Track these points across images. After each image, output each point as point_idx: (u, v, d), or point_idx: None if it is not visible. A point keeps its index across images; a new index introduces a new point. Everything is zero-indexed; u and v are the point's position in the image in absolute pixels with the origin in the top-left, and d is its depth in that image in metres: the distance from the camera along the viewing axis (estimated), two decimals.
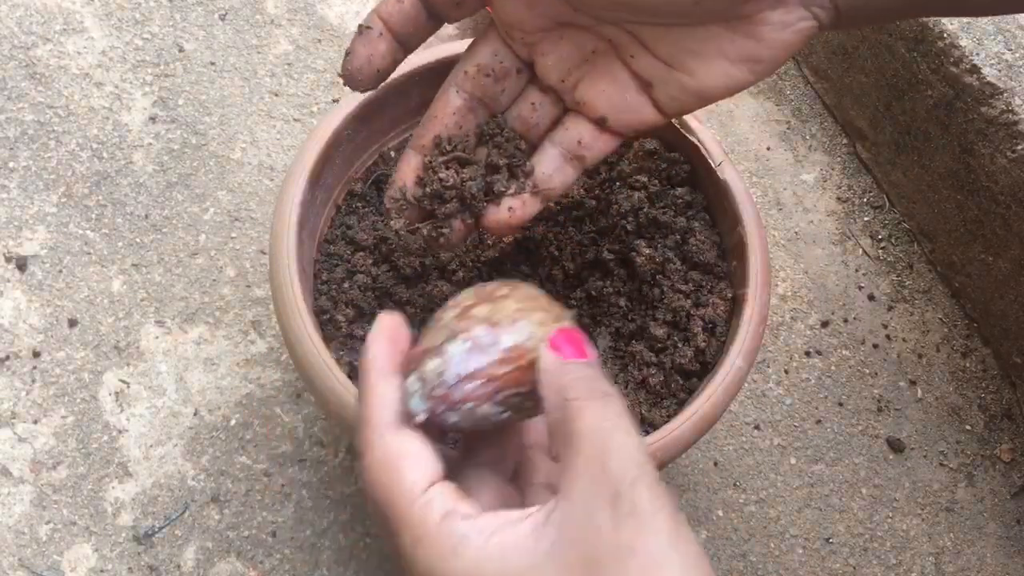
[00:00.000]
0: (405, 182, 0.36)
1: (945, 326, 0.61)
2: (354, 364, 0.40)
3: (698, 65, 0.33)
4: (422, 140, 0.36)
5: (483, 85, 0.35)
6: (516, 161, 0.36)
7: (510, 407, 0.28)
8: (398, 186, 0.36)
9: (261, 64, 0.64)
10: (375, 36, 0.33)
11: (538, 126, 0.37)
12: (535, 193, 0.37)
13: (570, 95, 0.36)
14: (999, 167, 0.55)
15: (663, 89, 0.34)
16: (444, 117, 0.35)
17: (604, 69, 0.35)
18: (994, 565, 0.54)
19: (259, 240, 0.58)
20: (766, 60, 0.33)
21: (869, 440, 0.56)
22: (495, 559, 0.24)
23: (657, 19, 0.32)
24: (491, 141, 0.36)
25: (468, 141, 0.36)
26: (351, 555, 0.49)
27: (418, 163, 0.36)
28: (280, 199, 0.41)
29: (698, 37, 0.33)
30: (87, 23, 0.64)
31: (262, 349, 0.54)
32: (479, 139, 0.36)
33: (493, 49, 0.35)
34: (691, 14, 0.31)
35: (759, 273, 0.42)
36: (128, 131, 0.60)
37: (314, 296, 0.43)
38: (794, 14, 0.32)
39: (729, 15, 0.32)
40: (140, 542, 0.48)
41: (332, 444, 0.52)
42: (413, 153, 0.36)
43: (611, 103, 0.35)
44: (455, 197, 0.36)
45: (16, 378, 0.52)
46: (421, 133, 0.36)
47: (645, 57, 0.34)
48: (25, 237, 0.56)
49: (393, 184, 0.36)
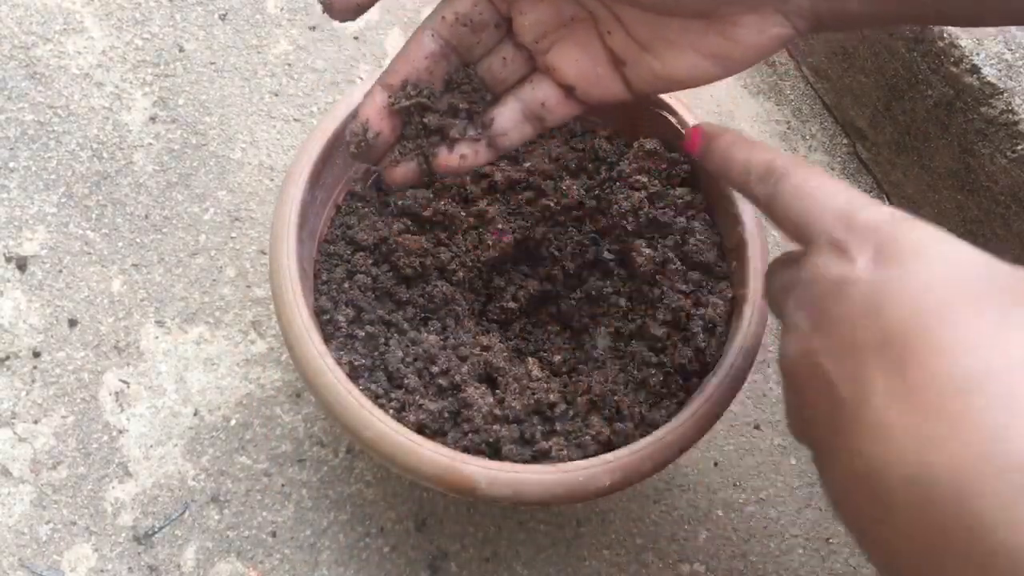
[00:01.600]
0: (368, 117, 0.36)
1: None
2: (354, 363, 0.40)
3: (670, 54, 0.34)
4: (390, 79, 0.35)
5: (459, 34, 0.35)
6: (476, 108, 0.36)
7: None
8: (360, 121, 0.36)
9: (261, 64, 0.64)
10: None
11: (505, 81, 0.37)
12: (490, 144, 0.37)
13: (542, 58, 0.36)
14: (999, 167, 0.55)
15: (634, 69, 0.35)
16: (416, 60, 0.35)
17: (580, 39, 0.35)
18: None
19: (259, 240, 0.58)
20: (737, 59, 0.33)
21: None
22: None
23: (640, 4, 0.33)
24: (457, 89, 0.36)
25: (434, 90, 0.36)
26: (351, 555, 0.49)
27: (383, 100, 0.36)
28: (280, 199, 0.41)
29: (675, 27, 0.33)
30: (87, 23, 0.64)
31: (262, 349, 0.54)
32: (446, 86, 0.36)
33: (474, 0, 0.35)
34: (672, 8, 0.32)
35: (759, 273, 0.42)
36: (128, 131, 0.60)
37: (314, 296, 0.43)
38: (770, 20, 0.32)
39: (708, 13, 0.32)
40: (140, 542, 0.48)
41: (332, 444, 0.52)
42: (380, 89, 0.36)
43: (581, 73, 0.36)
44: (412, 136, 0.36)
45: (16, 378, 0.52)
46: (391, 71, 0.36)
47: (621, 35, 0.34)
48: (25, 237, 0.56)
49: (356, 119, 0.36)
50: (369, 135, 0.36)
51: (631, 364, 0.43)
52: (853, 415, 0.25)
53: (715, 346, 0.42)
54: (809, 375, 0.27)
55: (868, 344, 0.25)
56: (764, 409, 0.56)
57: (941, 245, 0.26)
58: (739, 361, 0.40)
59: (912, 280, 0.25)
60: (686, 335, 0.43)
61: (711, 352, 0.42)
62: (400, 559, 0.49)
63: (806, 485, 0.54)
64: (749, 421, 0.56)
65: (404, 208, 0.46)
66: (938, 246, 0.26)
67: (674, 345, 0.42)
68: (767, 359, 0.58)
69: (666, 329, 0.43)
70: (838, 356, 0.26)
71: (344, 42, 0.66)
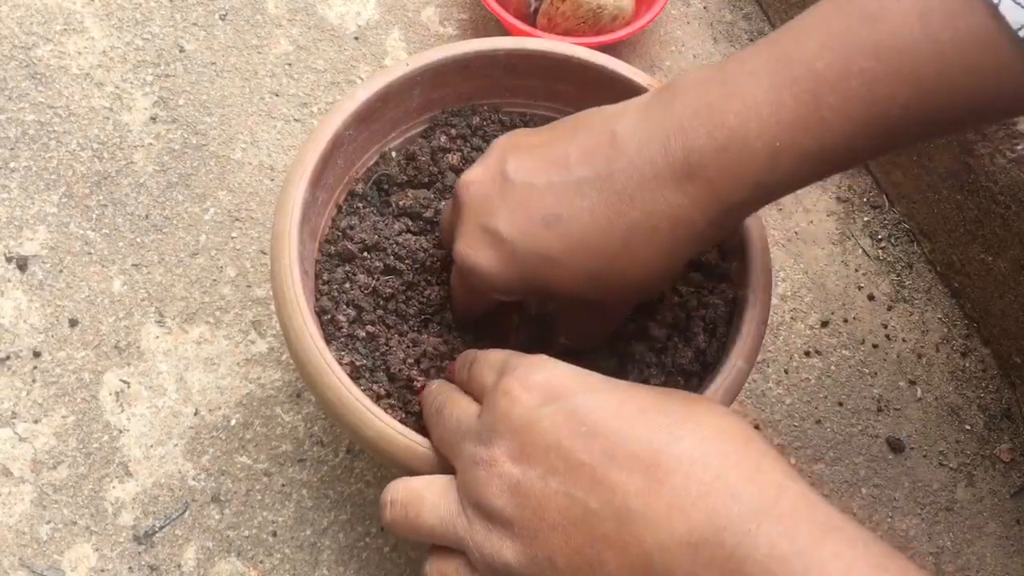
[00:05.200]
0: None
1: (945, 326, 0.61)
2: (355, 364, 0.40)
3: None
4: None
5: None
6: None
7: None
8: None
9: (261, 64, 0.64)
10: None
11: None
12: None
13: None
14: (999, 167, 0.55)
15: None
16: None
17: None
18: (994, 565, 0.54)
19: (260, 240, 0.58)
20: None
21: (869, 440, 0.56)
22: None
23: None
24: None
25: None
26: (351, 555, 0.49)
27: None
28: (281, 199, 0.41)
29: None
30: (87, 23, 0.64)
31: (262, 349, 0.54)
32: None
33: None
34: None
35: (760, 273, 0.42)
36: (129, 131, 0.60)
37: (315, 296, 0.43)
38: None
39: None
40: (140, 542, 0.49)
41: (332, 444, 0.52)
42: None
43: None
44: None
45: (17, 378, 0.52)
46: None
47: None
48: (26, 237, 0.56)
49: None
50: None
51: (631, 364, 0.43)
52: (620, 515, 0.27)
53: (716, 347, 0.42)
54: (546, 506, 0.29)
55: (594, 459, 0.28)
56: (764, 409, 0.56)
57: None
58: (739, 362, 0.40)
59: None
60: (687, 336, 0.43)
61: (712, 352, 0.42)
62: (400, 559, 0.49)
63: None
64: (749, 421, 0.56)
65: (405, 208, 0.46)
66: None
67: (674, 346, 0.42)
68: (767, 359, 0.58)
69: (666, 329, 0.43)
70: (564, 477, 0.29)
71: (344, 42, 0.66)
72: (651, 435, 0.28)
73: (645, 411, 0.29)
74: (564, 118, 0.38)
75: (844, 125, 0.30)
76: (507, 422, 0.30)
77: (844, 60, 0.30)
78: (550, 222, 0.34)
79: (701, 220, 0.32)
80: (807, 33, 0.31)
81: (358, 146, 0.46)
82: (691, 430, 0.28)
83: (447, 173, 0.47)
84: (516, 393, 0.31)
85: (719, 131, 0.31)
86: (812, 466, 0.55)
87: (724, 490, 0.26)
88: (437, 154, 0.47)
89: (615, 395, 0.30)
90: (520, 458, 0.29)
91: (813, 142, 0.30)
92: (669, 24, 0.71)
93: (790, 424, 0.56)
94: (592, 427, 0.29)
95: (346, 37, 0.67)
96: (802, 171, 0.31)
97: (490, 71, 0.47)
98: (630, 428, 0.28)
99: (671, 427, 0.28)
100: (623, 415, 0.29)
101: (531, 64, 0.47)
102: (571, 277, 0.35)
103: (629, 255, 0.33)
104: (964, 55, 0.28)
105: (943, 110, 0.30)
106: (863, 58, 0.29)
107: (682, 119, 0.32)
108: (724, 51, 0.70)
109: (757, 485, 0.27)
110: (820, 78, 0.30)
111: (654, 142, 0.32)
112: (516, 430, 0.30)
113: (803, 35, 0.31)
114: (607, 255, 0.34)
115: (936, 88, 0.29)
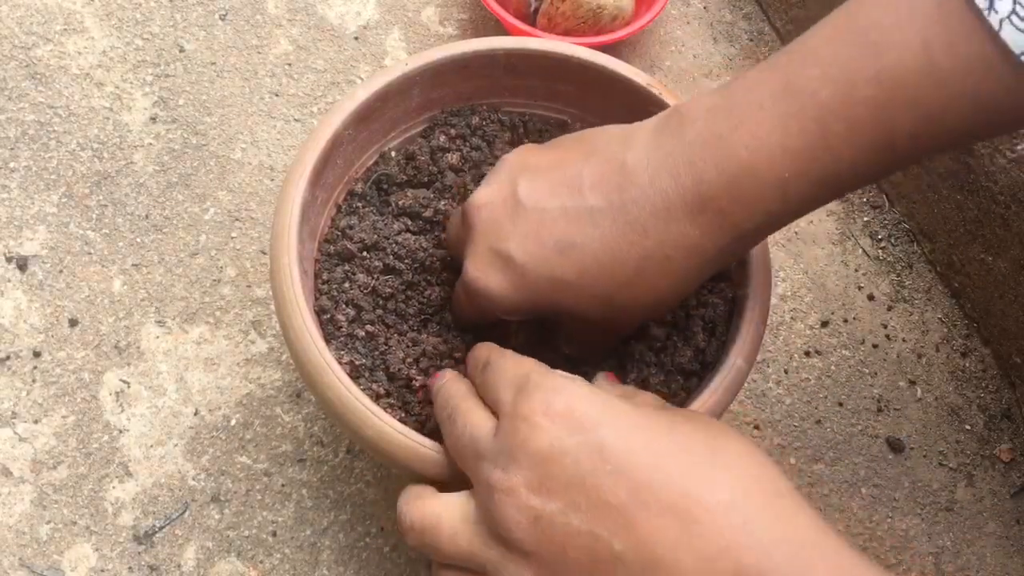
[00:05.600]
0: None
1: (945, 326, 0.61)
2: (355, 363, 0.40)
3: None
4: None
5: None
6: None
7: None
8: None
9: (261, 64, 0.64)
10: None
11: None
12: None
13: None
14: (998, 167, 0.55)
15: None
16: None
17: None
18: (994, 565, 0.54)
19: (260, 240, 0.58)
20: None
21: (869, 440, 0.56)
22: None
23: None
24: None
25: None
26: (351, 555, 0.49)
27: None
28: (281, 199, 0.41)
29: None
30: (87, 23, 0.64)
31: (262, 349, 0.54)
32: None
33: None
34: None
35: (759, 273, 0.42)
36: (129, 131, 0.60)
37: (315, 296, 0.43)
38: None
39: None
40: (140, 542, 0.49)
41: (332, 444, 0.52)
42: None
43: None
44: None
45: (16, 378, 0.52)
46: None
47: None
48: (26, 237, 0.56)
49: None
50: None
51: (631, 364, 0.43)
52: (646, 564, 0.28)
53: (715, 346, 0.42)
54: (556, 537, 0.29)
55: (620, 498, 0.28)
56: (764, 409, 0.56)
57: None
58: (739, 361, 0.40)
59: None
60: (686, 335, 0.43)
61: (711, 352, 0.42)
62: (400, 559, 0.49)
63: (805, 485, 0.54)
64: (749, 421, 0.56)
65: (405, 208, 0.46)
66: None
67: (674, 345, 0.42)
68: (767, 359, 0.58)
69: (666, 329, 0.43)
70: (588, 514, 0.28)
71: (344, 42, 0.66)
72: (684, 482, 0.28)
73: (673, 452, 0.29)
74: (570, 135, 0.39)
75: (851, 152, 0.30)
76: (526, 450, 0.30)
77: (848, 88, 0.30)
78: (564, 248, 0.34)
79: (712, 249, 0.33)
80: (811, 60, 0.31)
81: (358, 146, 0.46)
82: (724, 477, 0.28)
83: (446, 173, 0.47)
84: (536, 419, 0.30)
85: (729, 163, 0.31)
86: (812, 466, 0.55)
87: (757, 547, 0.26)
88: (436, 154, 0.47)
89: (641, 434, 0.30)
90: (539, 490, 0.29)
91: (821, 170, 0.31)
92: (669, 24, 0.71)
93: (790, 424, 0.56)
94: (618, 466, 0.28)
95: (346, 37, 0.67)
96: (811, 197, 0.32)
97: (490, 71, 0.47)
98: (662, 474, 0.28)
99: (702, 471, 0.28)
100: (652, 454, 0.29)
101: (531, 64, 0.47)
102: (583, 300, 0.35)
103: (642, 282, 0.34)
104: (966, 81, 0.29)
105: (947, 133, 0.30)
106: (867, 86, 0.30)
107: (692, 150, 0.32)
108: (724, 51, 0.70)
109: (791, 545, 0.27)
110: (825, 107, 0.30)
111: (665, 173, 0.33)
112: (536, 461, 0.29)
113: (807, 62, 0.31)
114: (620, 281, 0.34)
115: (940, 114, 0.29)
